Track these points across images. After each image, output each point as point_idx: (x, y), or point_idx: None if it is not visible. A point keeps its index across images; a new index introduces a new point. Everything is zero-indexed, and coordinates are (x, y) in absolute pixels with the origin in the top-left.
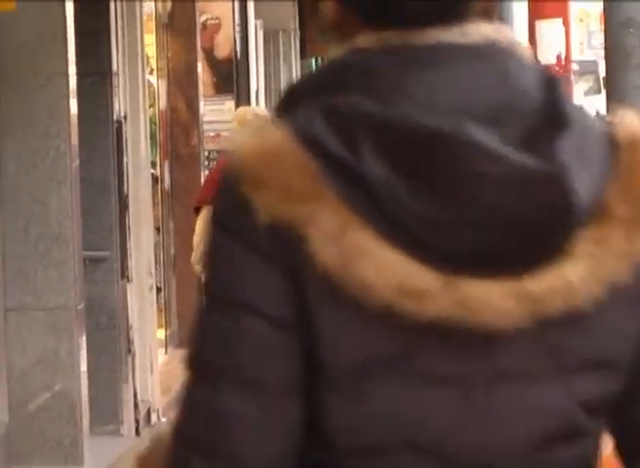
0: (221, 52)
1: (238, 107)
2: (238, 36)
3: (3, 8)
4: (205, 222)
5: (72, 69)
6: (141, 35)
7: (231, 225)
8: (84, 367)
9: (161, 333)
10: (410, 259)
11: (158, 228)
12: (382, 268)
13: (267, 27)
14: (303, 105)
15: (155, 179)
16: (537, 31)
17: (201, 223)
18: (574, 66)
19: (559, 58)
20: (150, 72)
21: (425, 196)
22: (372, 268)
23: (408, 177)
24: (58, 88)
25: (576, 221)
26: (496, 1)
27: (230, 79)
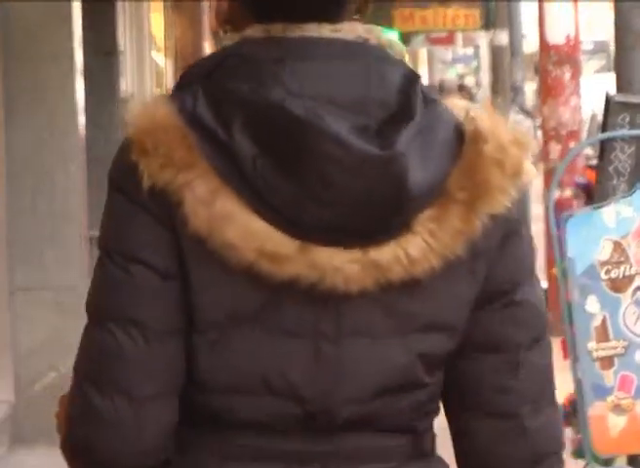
0: None
1: None
2: None
3: None
4: None
5: (79, 48)
6: (148, 14)
7: (123, 187)
8: None
9: None
10: (270, 227)
11: None
12: (246, 233)
13: None
14: (192, 86)
15: None
16: (545, 12)
17: None
18: (587, 46)
19: (568, 38)
20: (157, 51)
21: (284, 174)
22: (237, 232)
23: (270, 156)
24: (65, 66)
25: (412, 201)
26: (369, 3)
27: None
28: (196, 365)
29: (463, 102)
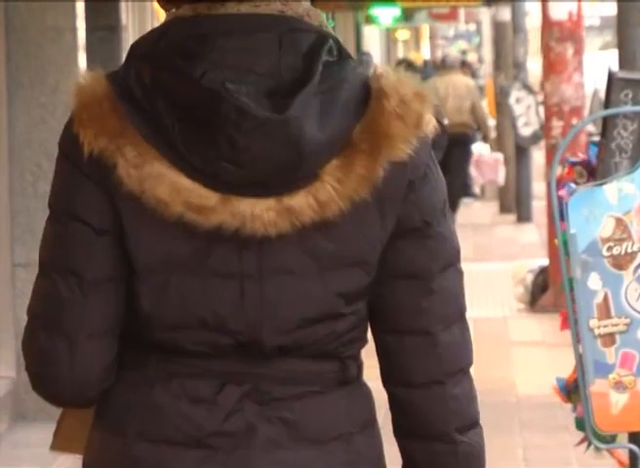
0: None
1: None
2: None
3: None
4: None
5: (81, 24)
6: None
7: (67, 153)
8: None
9: None
10: (195, 184)
11: None
12: (174, 189)
13: None
14: (129, 62)
15: None
16: None
17: None
18: (594, 21)
19: (571, 14)
20: None
21: (200, 139)
22: (165, 190)
23: (188, 123)
24: (67, 42)
25: (309, 156)
26: None
27: None
28: (139, 306)
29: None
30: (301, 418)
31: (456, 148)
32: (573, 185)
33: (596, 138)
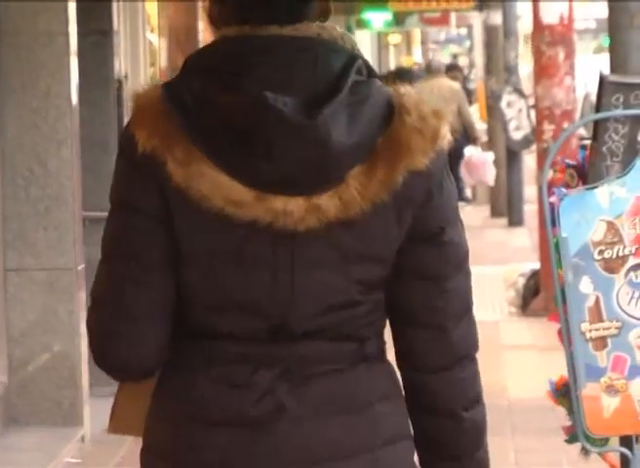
0: None
1: None
2: None
3: None
4: None
5: (73, 28)
6: None
7: (125, 152)
8: (84, 328)
9: None
10: (233, 181)
11: None
12: (215, 186)
13: None
14: (183, 73)
15: None
16: None
17: None
18: (590, 24)
19: (562, 18)
20: (151, 31)
21: (240, 142)
22: (208, 185)
23: (232, 129)
24: (58, 47)
25: (335, 159)
26: (329, 10)
27: None
28: (185, 289)
29: (445, 82)
30: (327, 394)
31: None
32: (563, 190)
33: (585, 142)
